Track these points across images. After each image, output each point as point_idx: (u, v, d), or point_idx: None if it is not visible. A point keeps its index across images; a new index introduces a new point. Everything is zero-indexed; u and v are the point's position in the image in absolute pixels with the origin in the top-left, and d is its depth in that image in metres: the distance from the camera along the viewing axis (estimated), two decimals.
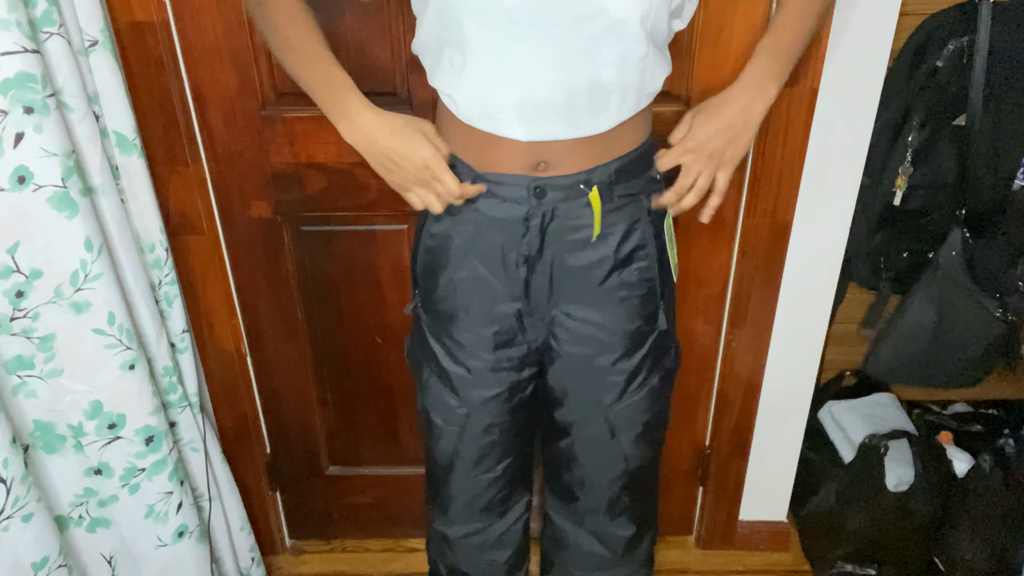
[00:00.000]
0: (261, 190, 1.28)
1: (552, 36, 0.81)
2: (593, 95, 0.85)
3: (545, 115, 0.86)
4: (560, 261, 0.96)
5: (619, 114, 0.88)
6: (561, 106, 0.85)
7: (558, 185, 0.91)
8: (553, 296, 0.98)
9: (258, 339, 1.43)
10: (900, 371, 1.50)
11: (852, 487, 1.49)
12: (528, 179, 0.91)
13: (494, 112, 0.87)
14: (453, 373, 1.05)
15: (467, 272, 0.98)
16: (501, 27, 0.81)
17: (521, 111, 0.86)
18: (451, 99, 0.89)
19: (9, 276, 0.96)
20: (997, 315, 1.37)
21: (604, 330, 1.00)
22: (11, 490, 0.93)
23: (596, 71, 0.83)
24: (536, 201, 0.92)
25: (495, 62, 0.84)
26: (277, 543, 1.64)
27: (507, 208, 0.93)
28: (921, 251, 1.41)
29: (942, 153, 1.33)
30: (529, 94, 0.84)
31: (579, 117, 0.87)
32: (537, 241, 0.94)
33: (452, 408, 1.07)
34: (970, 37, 1.25)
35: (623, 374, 1.03)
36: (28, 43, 0.87)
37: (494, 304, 0.99)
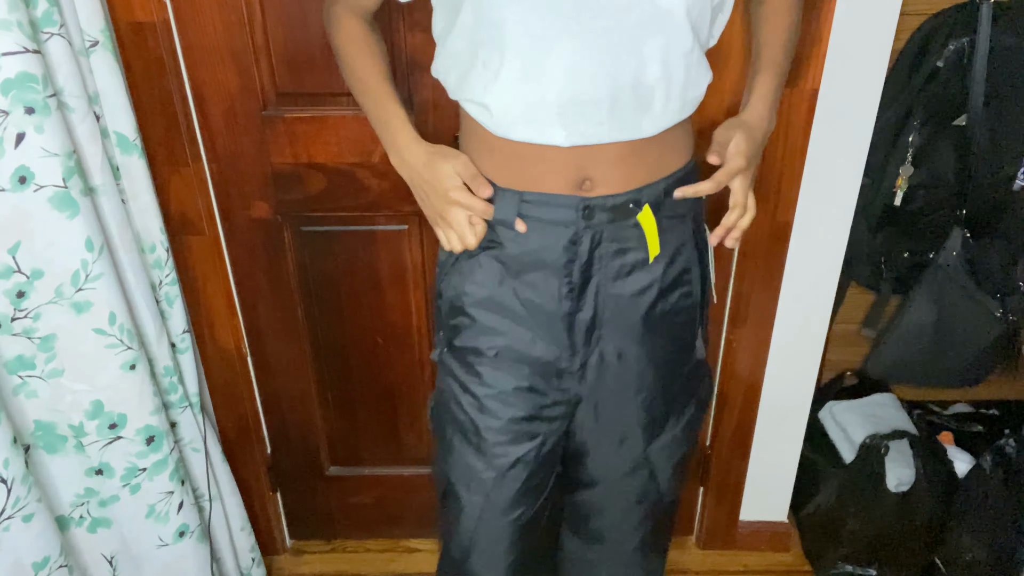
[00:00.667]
0: (262, 190, 1.28)
1: (596, 26, 0.77)
2: (637, 91, 0.80)
3: (587, 114, 0.81)
4: (605, 290, 0.90)
5: (663, 117, 0.84)
6: (604, 104, 0.80)
7: (606, 206, 0.85)
8: (596, 331, 0.92)
9: (259, 339, 1.43)
10: (901, 371, 1.50)
11: (853, 487, 1.49)
12: (575, 199, 0.85)
13: (533, 114, 0.81)
14: (482, 426, 0.95)
15: (504, 307, 0.91)
16: (543, 17, 0.77)
17: (562, 111, 0.80)
18: (484, 108, 0.83)
19: (10, 276, 0.96)
20: (997, 315, 1.37)
21: (644, 365, 0.95)
22: (12, 490, 0.93)
23: (641, 65, 0.79)
24: (584, 223, 0.85)
25: (536, 57, 0.79)
26: (278, 543, 1.64)
27: (552, 233, 0.86)
28: (922, 251, 1.41)
29: (942, 153, 1.33)
30: (571, 91, 0.79)
31: (623, 117, 0.81)
32: (584, 268, 0.88)
33: (477, 472, 0.97)
34: (970, 37, 1.25)
35: (662, 412, 0.98)
36: (29, 43, 0.87)
37: (532, 344, 0.92)
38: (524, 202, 0.86)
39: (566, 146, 0.82)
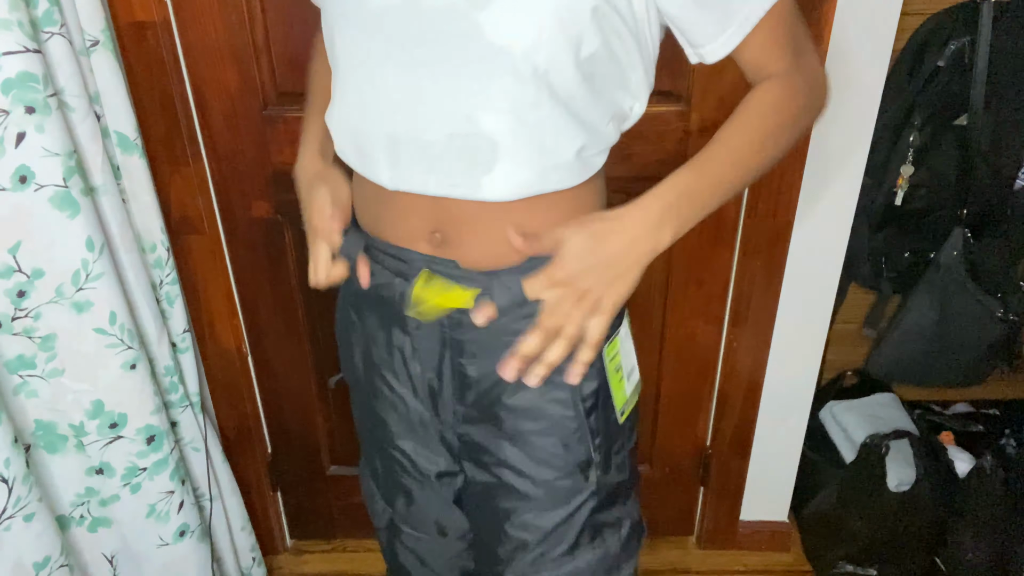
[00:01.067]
0: (262, 190, 1.28)
1: (426, 57, 0.67)
2: (473, 144, 0.68)
3: (415, 157, 0.70)
4: (458, 367, 0.79)
5: (509, 184, 0.69)
6: (434, 148, 0.69)
7: (454, 275, 0.74)
8: (461, 409, 0.82)
9: (259, 339, 1.43)
10: (901, 371, 1.50)
11: (853, 487, 1.49)
12: (419, 256, 0.75)
13: (363, 145, 0.74)
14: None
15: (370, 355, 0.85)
16: (370, 39, 0.68)
17: (390, 148, 0.71)
18: (330, 128, 0.79)
19: (10, 276, 0.96)
20: (998, 315, 1.37)
21: (519, 474, 0.81)
22: (13, 490, 0.93)
23: (476, 111, 0.67)
24: (424, 282, 0.74)
25: (362, 83, 0.71)
26: (278, 543, 1.64)
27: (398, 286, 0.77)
28: (922, 251, 1.41)
29: (943, 153, 1.33)
30: (400, 127, 0.70)
31: (455, 169, 0.69)
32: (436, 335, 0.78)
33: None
34: (971, 37, 1.25)
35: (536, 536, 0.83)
36: (29, 43, 0.87)
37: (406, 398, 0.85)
38: (371, 246, 0.79)
39: (391, 189, 0.73)
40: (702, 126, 1.22)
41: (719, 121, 1.21)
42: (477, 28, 0.64)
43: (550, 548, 0.84)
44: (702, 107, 1.21)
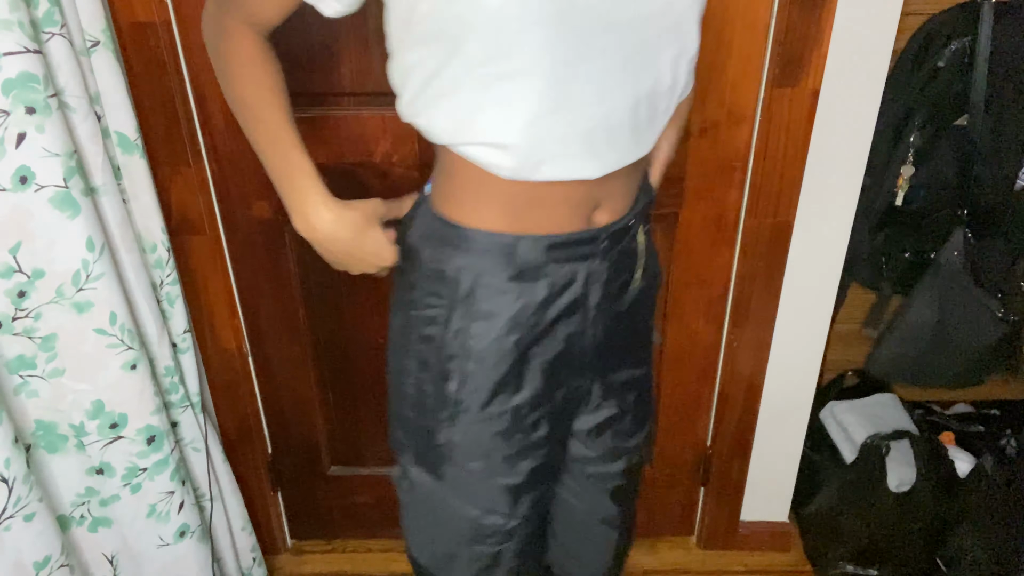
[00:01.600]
0: (263, 190, 1.28)
1: (623, 41, 0.69)
2: (651, 106, 0.75)
3: (614, 140, 0.74)
4: (607, 318, 0.85)
5: (660, 128, 0.79)
6: (627, 126, 0.74)
7: (615, 231, 0.81)
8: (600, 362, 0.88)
9: (259, 339, 1.43)
10: (902, 371, 1.50)
11: (854, 487, 1.49)
12: (594, 231, 0.79)
13: (562, 149, 0.72)
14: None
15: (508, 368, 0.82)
16: (572, 36, 0.67)
17: (592, 140, 0.72)
18: (501, 149, 0.71)
19: (11, 276, 0.97)
20: (999, 315, 1.37)
21: (636, 382, 0.95)
22: (13, 490, 0.94)
23: (657, 77, 0.74)
24: (602, 257, 0.80)
25: (563, 83, 0.69)
26: (278, 543, 1.65)
27: (567, 271, 0.79)
28: (923, 251, 1.41)
29: (944, 153, 1.33)
30: (601, 117, 0.72)
31: (641, 133, 0.76)
32: (595, 303, 0.82)
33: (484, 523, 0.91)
34: (972, 37, 1.25)
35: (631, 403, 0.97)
36: (30, 43, 0.87)
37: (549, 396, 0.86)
38: (551, 245, 0.77)
39: (597, 177, 0.75)
40: (702, 126, 1.22)
41: (719, 121, 1.22)
42: (670, 2, 0.71)
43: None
44: (702, 108, 1.21)
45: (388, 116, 1.21)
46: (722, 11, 1.13)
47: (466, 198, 0.77)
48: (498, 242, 0.77)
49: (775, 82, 1.17)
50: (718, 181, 1.27)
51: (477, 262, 0.78)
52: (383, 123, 1.22)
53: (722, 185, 1.28)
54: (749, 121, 1.22)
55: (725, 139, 1.23)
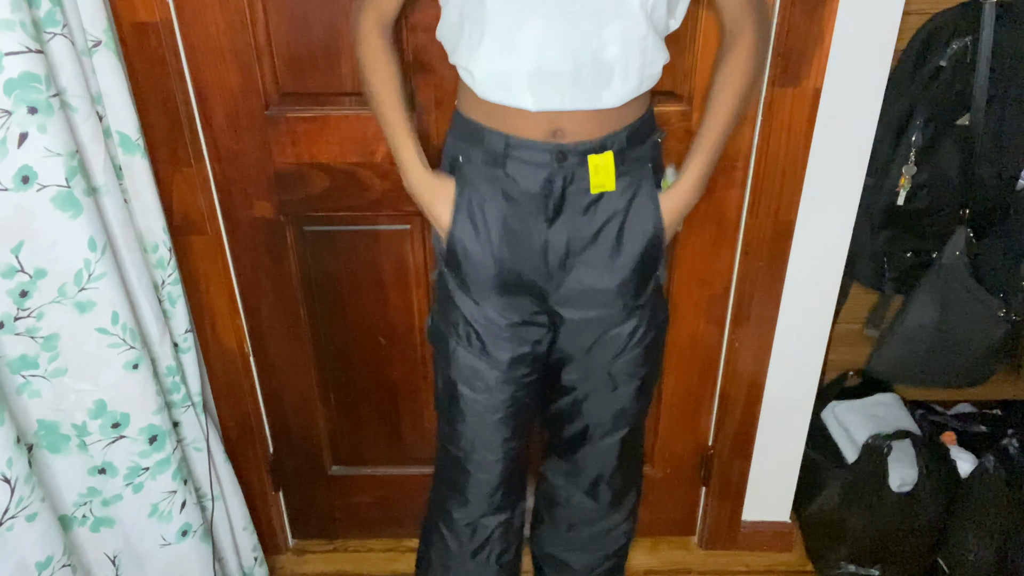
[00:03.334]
0: (264, 190, 1.28)
1: (563, 8, 0.90)
2: (597, 68, 0.93)
3: (553, 85, 0.94)
4: (575, 224, 1.03)
5: (622, 92, 0.96)
6: (567, 76, 0.93)
7: (576, 151, 0.99)
8: (569, 259, 1.05)
9: (261, 339, 1.43)
10: (903, 371, 1.50)
11: (855, 487, 1.49)
12: (550, 145, 0.98)
13: (507, 82, 0.95)
14: (483, 331, 1.09)
15: (496, 233, 1.04)
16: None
17: (531, 80, 0.93)
18: (469, 72, 0.97)
19: (13, 276, 0.97)
20: (1001, 315, 1.37)
21: (610, 291, 1.08)
22: (15, 490, 0.94)
23: (601, 45, 0.92)
24: (557, 165, 0.99)
25: (509, 32, 0.91)
26: (280, 543, 1.65)
27: (532, 171, 1.00)
28: (925, 251, 1.41)
29: (945, 153, 1.33)
30: (539, 63, 0.92)
31: (584, 89, 0.94)
32: (558, 203, 1.01)
33: (480, 372, 1.11)
34: (974, 36, 1.25)
35: (625, 331, 1.11)
36: (32, 43, 0.87)
37: (520, 264, 1.05)
38: (508, 145, 0.99)
39: (534, 111, 0.95)
40: None
41: None
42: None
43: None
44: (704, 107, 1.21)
45: None
46: None
47: (465, 98, 1.04)
48: (476, 128, 1.02)
49: (776, 81, 1.17)
50: (719, 181, 1.27)
51: (464, 143, 1.04)
52: None
53: (723, 184, 1.28)
54: (751, 120, 1.22)
55: None
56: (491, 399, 1.13)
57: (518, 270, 1.06)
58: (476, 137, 1.02)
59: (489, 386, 1.12)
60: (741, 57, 1.04)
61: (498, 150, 1.00)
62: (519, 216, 1.03)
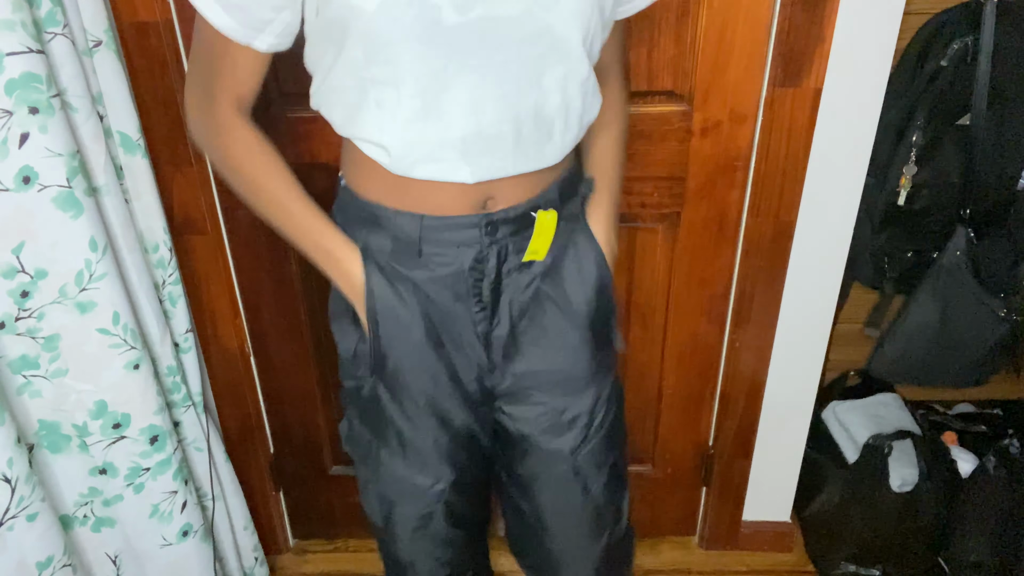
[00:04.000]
0: None
1: (497, 60, 0.75)
2: (538, 123, 0.80)
3: (492, 150, 0.79)
4: (517, 302, 0.90)
5: (563, 144, 0.84)
6: (508, 138, 0.79)
7: (508, 218, 0.84)
8: (515, 346, 0.91)
9: (262, 339, 1.43)
10: (904, 371, 1.49)
11: (856, 487, 1.49)
12: (477, 217, 0.83)
13: (436, 153, 0.78)
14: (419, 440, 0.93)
15: (424, 337, 0.88)
16: (441, 53, 0.73)
17: (466, 149, 0.78)
18: (381, 147, 0.79)
19: (14, 276, 0.97)
20: (1001, 315, 1.37)
21: (567, 373, 0.94)
22: (16, 489, 0.94)
23: (541, 96, 0.79)
24: (488, 240, 0.84)
25: (435, 93, 0.75)
26: (281, 542, 1.65)
27: (457, 254, 0.85)
28: (925, 251, 1.41)
29: (946, 153, 1.33)
30: (474, 128, 0.77)
31: (526, 149, 0.81)
32: (494, 285, 0.87)
33: (419, 484, 0.95)
34: (974, 36, 1.25)
35: (586, 414, 0.95)
36: (33, 43, 0.87)
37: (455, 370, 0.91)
38: (423, 227, 0.83)
39: (471, 183, 0.80)
40: (704, 126, 1.22)
41: (721, 121, 1.22)
42: (549, 27, 0.75)
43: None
44: (704, 107, 1.21)
45: None
46: (724, 11, 1.13)
47: (360, 176, 0.86)
48: (377, 212, 0.84)
49: (777, 82, 1.17)
50: (720, 181, 1.27)
51: (362, 230, 0.87)
52: None
53: (724, 185, 1.28)
54: (751, 121, 1.22)
55: (727, 139, 1.23)
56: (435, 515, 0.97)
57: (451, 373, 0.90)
58: (377, 223, 0.85)
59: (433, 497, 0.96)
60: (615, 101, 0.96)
61: (411, 236, 0.83)
62: (445, 312, 0.87)
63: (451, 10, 0.71)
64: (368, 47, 0.73)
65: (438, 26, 0.71)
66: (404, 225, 0.84)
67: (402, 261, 0.86)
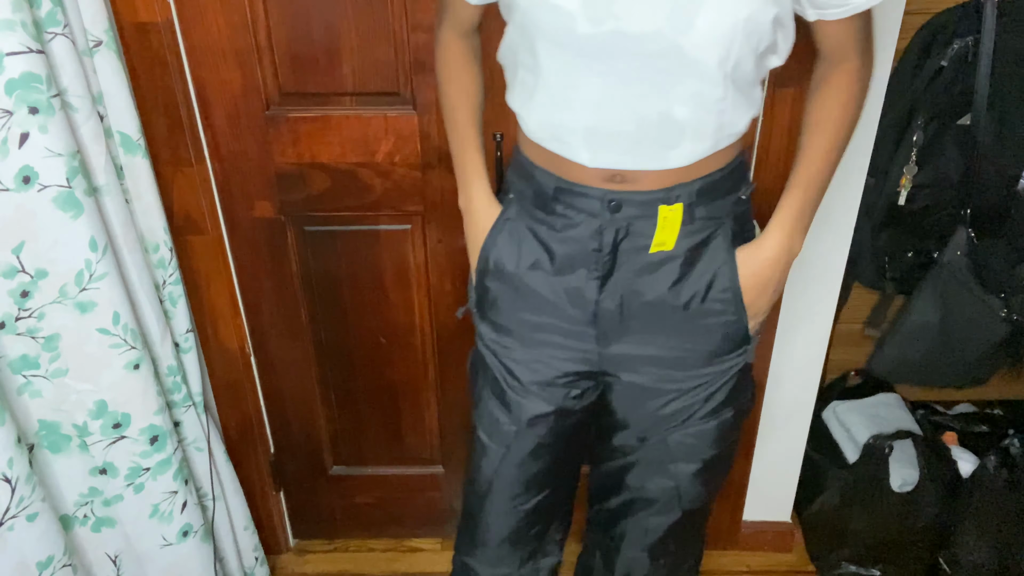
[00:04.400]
0: (265, 190, 1.28)
1: (622, 68, 0.80)
2: (663, 129, 0.83)
3: (613, 144, 0.85)
4: (630, 284, 0.92)
5: (693, 152, 0.86)
6: (630, 137, 0.84)
7: (635, 200, 0.88)
8: (623, 323, 0.94)
9: (262, 339, 1.43)
10: (904, 371, 1.49)
11: (856, 488, 1.49)
12: (602, 191, 0.88)
13: (562, 136, 0.87)
14: (505, 385, 1.02)
15: (534, 285, 0.95)
16: (572, 55, 0.81)
17: (589, 138, 0.85)
18: (523, 119, 0.91)
19: (14, 276, 0.97)
20: (1002, 315, 1.37)
21: (674, 357, 0.97)
22: (16, 489, 0.94)
23: (668, 106, 0.82)
24: (610, 215, 0.89)
25: (564, 88, 0.84)
26: (281, 543, 1.65)
27: (581, 220, 0.90)
28: (926, 251, 1.41)
29: (947, 153, 1.32)
30: (597, 122, 0.84)
31: (648, 149, 0.85)
32: (609, 260, 0.91)
33: (500, 425, 1.04)
34: (975, 36, 1.24)
35: (692, 399, 0.98)
36: (33, 43, 0.87)
37: (558, 322, 0.96)
38: (558, 187, 0.91)
39: (590, 167, 0.87)
40: None
41: None
42: (678, 48, 0.78)
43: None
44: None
45: (390, 116, 1.21)
46: None
47: (519, 134, 0.96)
48: (527, 164, 0.94)
49: (777, 82, 1.17)
50: None
51: (518, 179, 0.97)
52: (385, 123, 1.22)
53: None
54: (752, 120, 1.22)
55: None
56: (509, 454, 1.05)
57: (559, 325, 0.96)
58: (528, 173, 0.94)
59: (508, 441, 1.04)
60: (842, 87, 0.90)
61: (547, 190, 0.91)
62: (565, 269, 0.93)
63: (585, 21, 0.78)
64: (520, 33, 0.85)
65: (572, 34, 0.79)
66: (543, 180, 0.92)
67: (537, 210, 0.94)
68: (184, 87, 1.18)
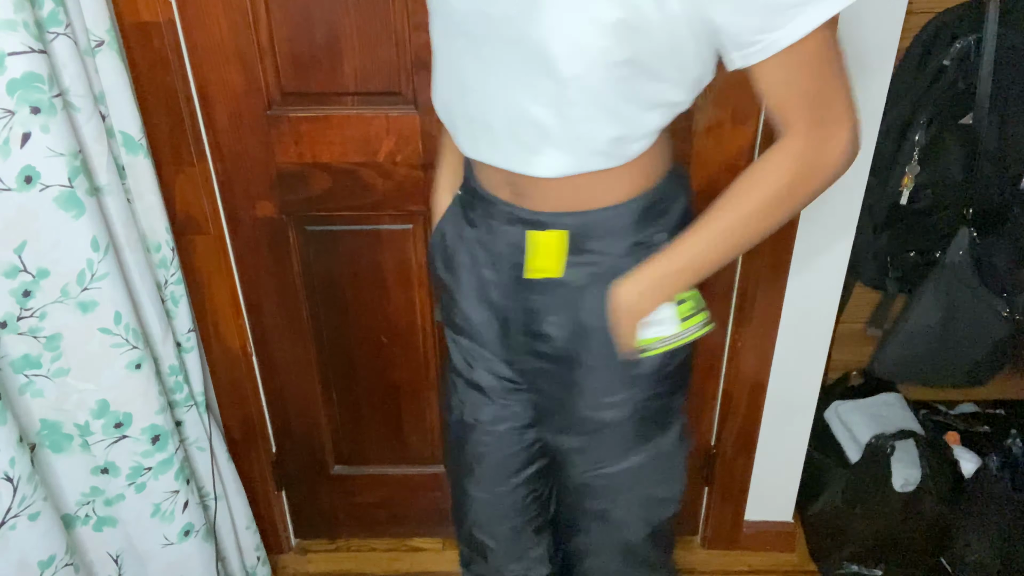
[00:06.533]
0: (266, 190, 1.28)
1: (490, 53, 0.77)
2: (524, 127, 0.79)
3: (484, 134, 0.83)
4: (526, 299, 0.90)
5: (554, 165, 0.80)
6: (497, 131, 0.81)
7: (521, 217, 0.86)
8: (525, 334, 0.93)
9: (264, 339, 1.43)
10: (906, 371, 1.49)
11: (858, 487, 1.49)
12: (504, 204, 0.87)
13: (451, 119, 0.88)
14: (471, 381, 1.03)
15: (467, 290, 0.96)
16: (454, 34, 0.81)
17: (467, 125, 0.85)
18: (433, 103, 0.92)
19: (16, 276, 0.97)
20: (1004, 315, 1.37)
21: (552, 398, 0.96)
22: (18, 489, 0.94)
23: (527, 102, 0.77)
24: (507, 227, 0.88)
25: (450, 70, 0.85)
26: (283, 542, 1.65)
27: (493, 230, 0.90)
28: (928, 250, 1.41)
29: (949, 152, 1.32)
30: (473, 109, 0.83)
31: (512, 148, 0.81)
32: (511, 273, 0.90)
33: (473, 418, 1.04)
34: (977, 35, 1.24)
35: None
36: (35, 43, 0.87)
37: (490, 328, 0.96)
38: (473, 187, 0.92)
39: (468, 157, 0.88)
40: (706, 126, 1.22)
41: (723, 121, 1.22)
42: (527, 37, 0.74)
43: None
44: (705, 107, 1.20)
45: (392, 115, 1.21)
46: None
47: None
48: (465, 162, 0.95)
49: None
50: (722, 180, 1.26)
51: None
52: (387, 122, 1.22)
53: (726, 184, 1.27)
54: (753, 120, 1.22)
55: (729, 138, 1.23)
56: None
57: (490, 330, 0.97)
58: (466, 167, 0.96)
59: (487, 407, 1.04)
60: (770, 167, 0.80)
61: (468, 186, 0.93)
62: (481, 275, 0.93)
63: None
64: (430, 11, 0.85)
65: (448, 5, 0.79)
66: (467, 175, 0.94)
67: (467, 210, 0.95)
68: (186, 87, 1.18)
